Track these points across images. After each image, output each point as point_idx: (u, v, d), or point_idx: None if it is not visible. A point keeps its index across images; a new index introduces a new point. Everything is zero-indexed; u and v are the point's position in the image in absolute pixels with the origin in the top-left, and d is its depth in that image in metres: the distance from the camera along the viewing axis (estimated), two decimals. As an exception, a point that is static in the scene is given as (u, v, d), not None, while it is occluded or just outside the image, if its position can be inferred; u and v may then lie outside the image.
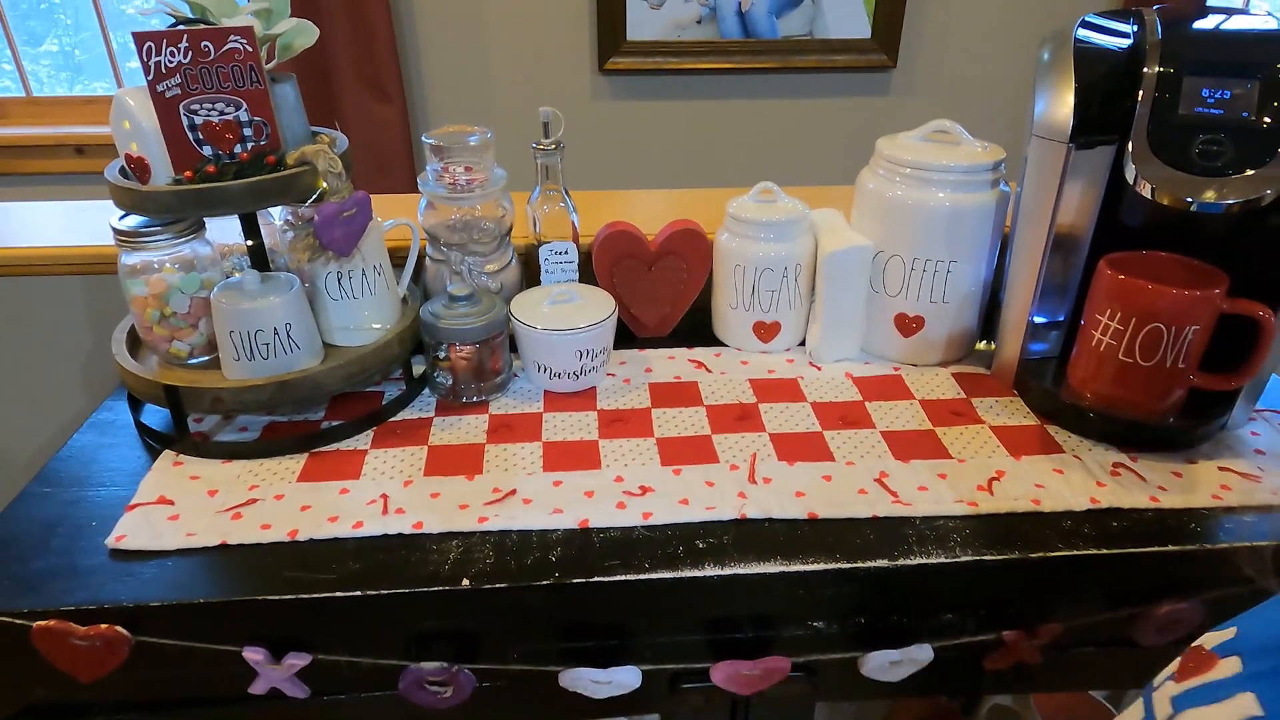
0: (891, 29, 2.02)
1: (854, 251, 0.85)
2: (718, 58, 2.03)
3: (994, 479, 0.72)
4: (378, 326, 0.80)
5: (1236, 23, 0.71)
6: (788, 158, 2.14)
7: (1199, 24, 0.71)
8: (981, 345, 0.93)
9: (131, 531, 0.65)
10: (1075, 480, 0.72)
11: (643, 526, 0.67)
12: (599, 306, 0.84)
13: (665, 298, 0.94)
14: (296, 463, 0.74)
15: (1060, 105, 0.73)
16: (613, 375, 0.88)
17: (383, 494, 0.70)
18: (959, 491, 0.70)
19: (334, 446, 0.76)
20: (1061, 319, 0.84)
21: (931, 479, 0.72)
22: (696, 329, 0.97)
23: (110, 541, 0.64)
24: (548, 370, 0.84)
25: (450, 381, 0.82)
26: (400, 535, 0.66)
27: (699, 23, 2.00)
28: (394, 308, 0.82)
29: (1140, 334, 0.71)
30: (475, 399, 0.83)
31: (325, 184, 0.73)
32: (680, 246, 0.91)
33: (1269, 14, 0.70)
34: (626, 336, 0.95)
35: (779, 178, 0.95)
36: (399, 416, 0.81)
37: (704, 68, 2.03)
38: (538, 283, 0.92)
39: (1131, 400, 0.75)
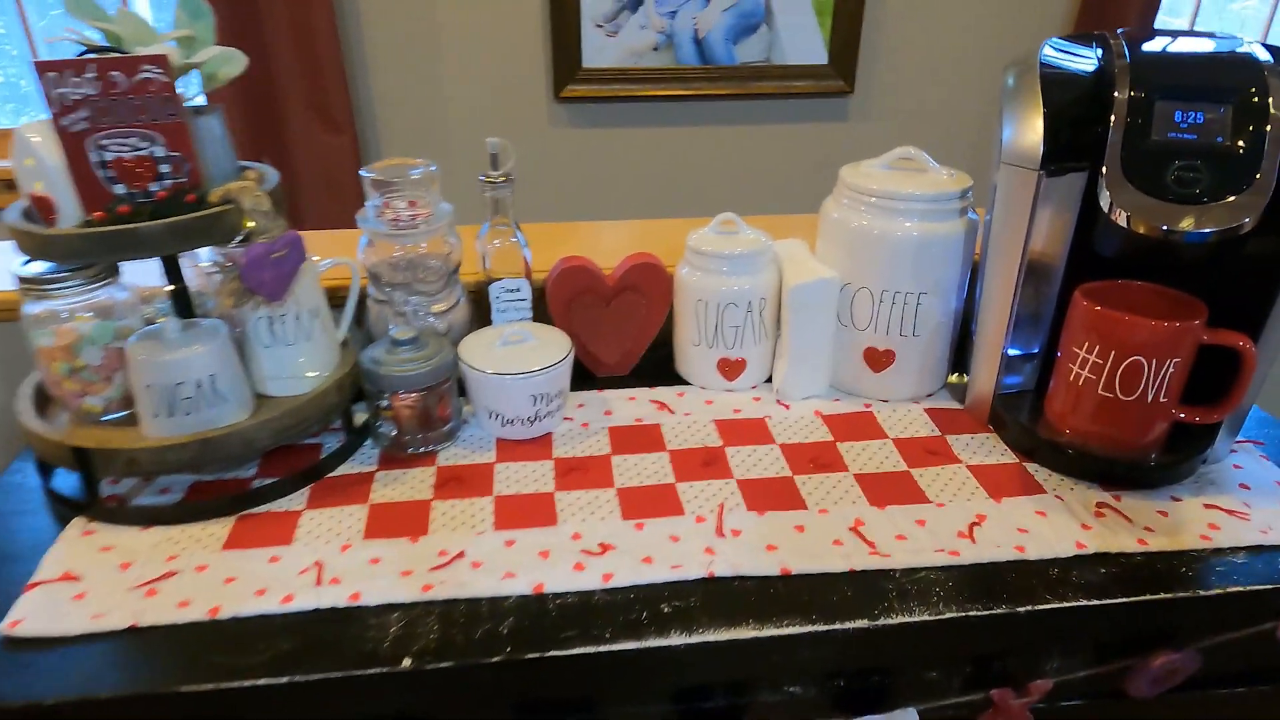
0: (848, 55, 2.02)
1: (820, 284, 0.81)
2: (675, 84, 2.01)
3: (975, 524, 0.68)
4: (314, 374, 0.74)
5: (1202, 45, 0.69)
6: (748, 184, 2.12)
7: (1166, 47, 0.69)
8: (954, 378, 0.90)
9: (30, 614, 0.58)
10: (1059, 523, 0.68)
11: (602, 590, 0.61)
12: (554, 347, 0.79)
13: (625, 335, 0.89)
14: (223, 527, 0.68)
15: (1029, 131, 0.70)
16: (570, 419, 0.83)
17: (317, 561, 0.64)
18: (939, 539, 0.66)
19: (265, 508, 0.70)
20: (1036, 351, 0.80)
21: (909, 526, 0.68)
22: (658, 366, 0.92)
23: (3, 628, 0.57)
24: (500, 417, 0.78)
25: (394, 432, 0.77)
26: (335, 609, 0.60)
27: (655, 50, 1.98)
28: (332, 353, 0.77)
29: (1120, 367, 0.68)
30: (422, 449, 0.77)
31: (252, 223, 0.67)
32: (639, 281, 0.87)
33: (1219, 35, 0.68)
34: (585, 376, 0.90)
35: (739, 204, 0.91)
36: (338, 471, 0.75)
37: (662, 94, 2.01)
38: (489, 323, 0.87)
39: (1112, 436, 0.72)
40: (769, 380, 0.89)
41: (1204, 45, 0.68)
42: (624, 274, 0.86)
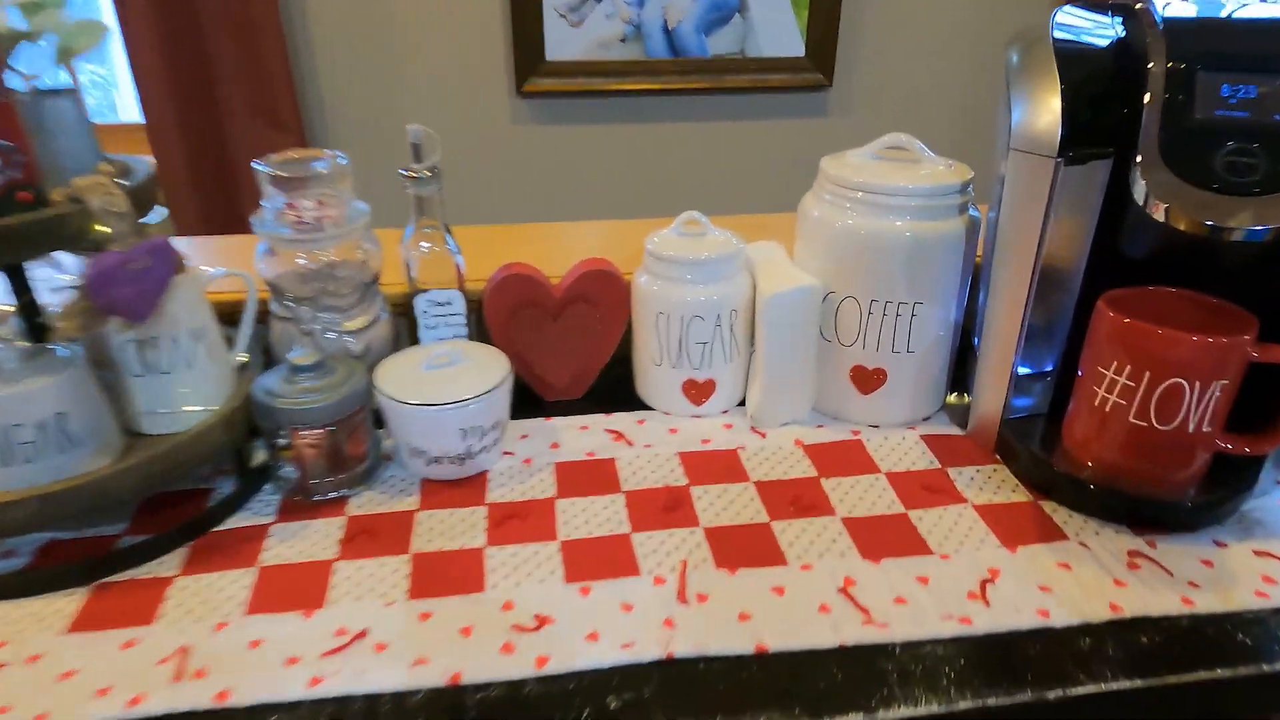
0: (826, 46, 1.91)
1: (799, 293, 0.70)
2: (644, 78, 1.90)
3: (987, 581, 0.57)
4: (196, 409, 0.62)
5: (1249, 6, 0.58)
6: (721, 184, 2.01)
7: (1204, 10, 0.58)
8: (952, 398, 0.79)
9: None
10: (1087, 578, 0.57)
11: (536, 679, 0.50)
12: (489, 370, 0.67)
13: (575, 354, 0.77)
14: (73, 601, 0.55)
15: (1043, 113, 0.59)
16: (510, 454, 0.71)
17: (182, 647, 0.51)
18: (946, 603, 0.55)
19: (130, 573, 0.58)
20: (1049, 369, 0.70)
21: (909, 585, 0.56)
22: (616, 389, 0.80)
23: None
24: (424, 455, 0.66)
25: (297, 475, 0.64)
26: (194, 713, 0.47)
27: (623, 41, 1.87)
28: (221, 382, 0.64)
29: (1157, 391, 0.57)
30: (331, 495, 0.65)
31: (103, 227, 0.55)
32: (591, 291, 0.75)
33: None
34: (531, 402, 0.78)
35: (712, 206, 0.79)
36: (228, 524, 0.63)
37: (630, 89, 1.89)
38: (416, 342, 0.75)
39: (1144, 470, 0.61)
40: (742, 404, 0.78)
41: (1251, 6, 0.57)
42: (573, 283, 0.74)
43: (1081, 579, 0.57)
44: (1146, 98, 0.55)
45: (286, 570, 0.58)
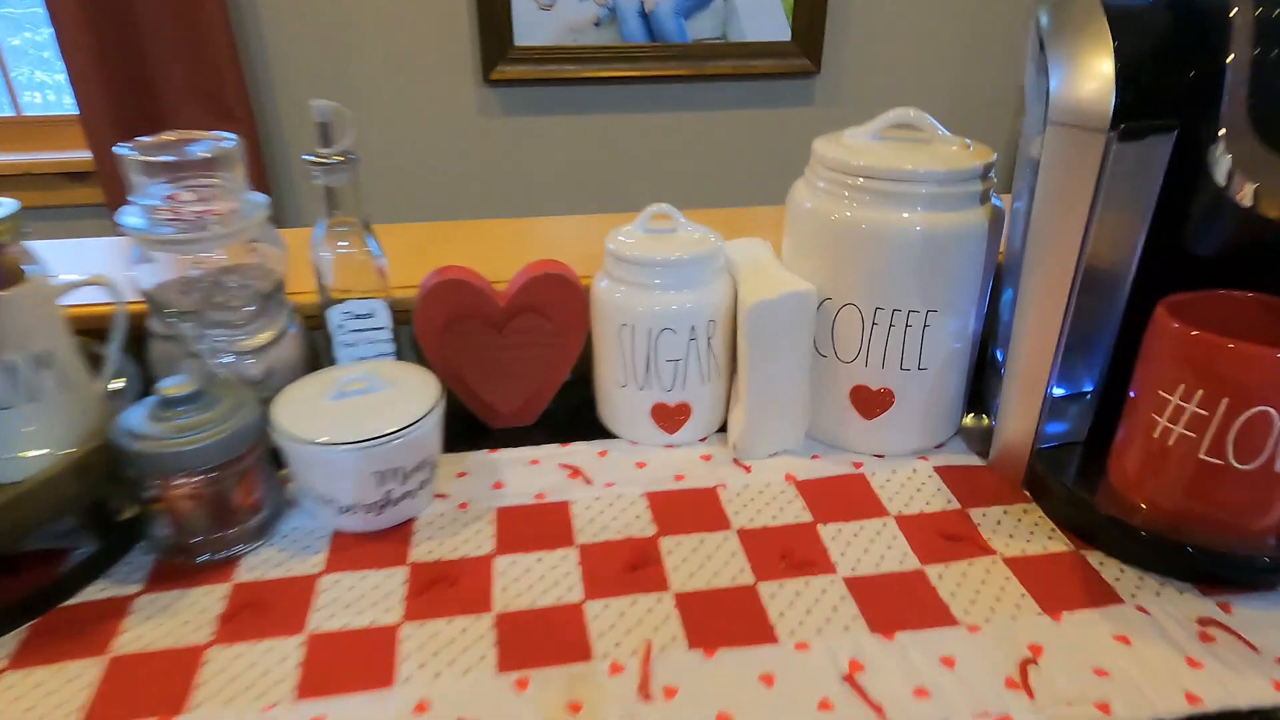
0: (814, 30, 1.80)
1: (788, 300, 0.58)
2: (620, 65, 1.78)
3: (1029, 662, 0.45)
4: (40, 452, 0.50)
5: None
6: (702, 178, 1.89)
7: (1288, -52, 0.47)
8: (969, 420, 0.67)
9: None
10: (1152, 657, 0.46)
11: (448, 819, 0.38)
12: (415, 397, 0.55)
13: (525, 374, 0.65)
14: None
15: (1090, 78, 0.48)
16: (444, 497, 0.59)
17: (-16, 778, 0.39)
18: (980, 693, 0.43)
19: (-58, 669, 0.45)
20: (1088, 389, 0.58)
21: (932, 669, 0.45)
22: (574, 414, 0.69)
23: None
24: (332, 503, 0.54)
25: (171, 532, 0.52)
26: None
27: (597, 25, 1.75)
28: (77, 418, 0.52)
29: (1236, 422, 0.46)
30: (217, 555, 0.53)
31: (-111, 227, 0.42)
32: (542, 299, 0.63)
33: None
34: (474, 431, 0.67)
35: (693, 201, 0.68)
36: (82, 596, 0.50)
37: (605, 76, 1.77)
38: (332, 362, 0.62)
39: (1216, 518, 0.50)
40: (723, 430, 0.66)
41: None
42: (521, 290, 0.62)
43: (1145, 658, 0.46)
44: (1230, 55, 0.43)
45: (144, 661, 0.46)
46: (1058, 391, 0.57)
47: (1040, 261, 0.53)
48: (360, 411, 0.54)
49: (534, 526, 0.56)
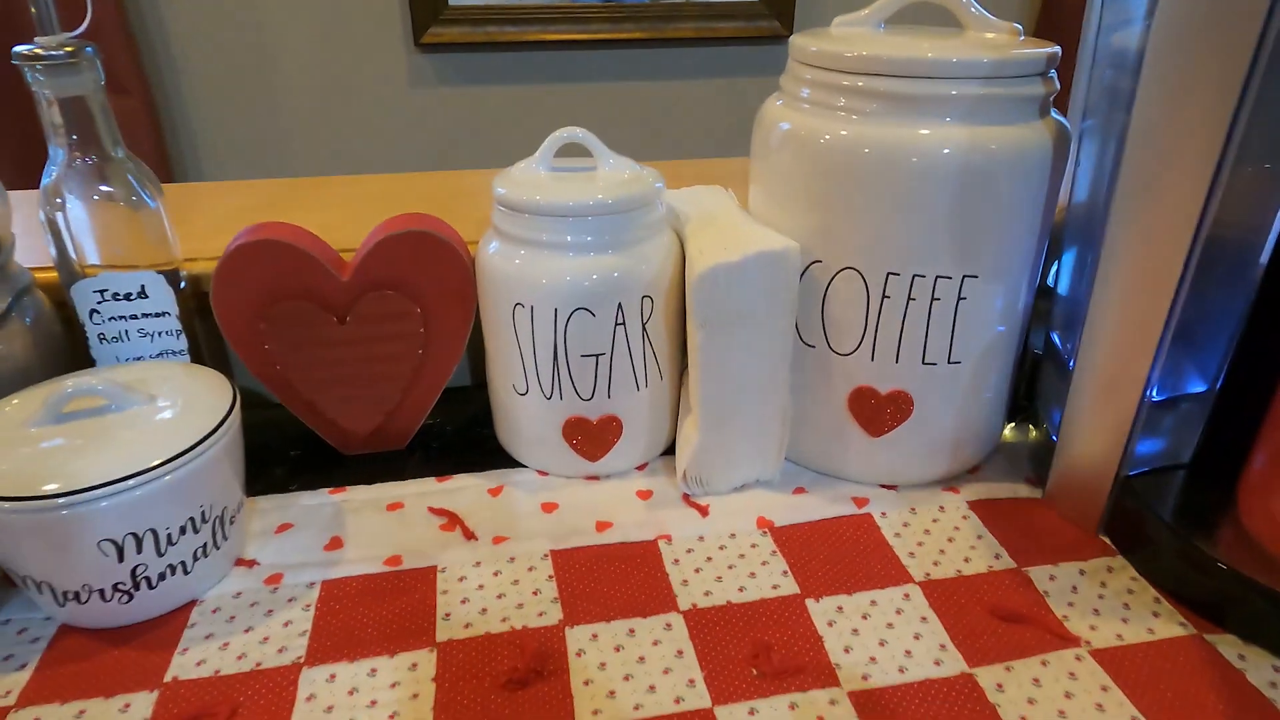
0: (784, -12, 1.62)
1: (759, 264, 0.39)
2: (569, 26, 1.58)
3: None
4: None
5: None
6: (664, 152, 1.70)
7: None
8: (1011, 432, 0.49)
9: None
10: (1374, 840, 0.27)
11: None
12: (184, 419, 0.36)
13: (382, 379, 0.46)
14: None
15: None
16: (249, 565, 0.39)
17: None
18: None
19: None
20: (1203, 389, 0.40)
21: None
22: (465, 432, 0.49)
23: None
24: (49, 589, 0.34)
25: None
26: None
27: (542, -18, 1.55)
28: None
29: None
30: None
31: None
32: (403, 270, 0.43)
33: None
34: (323, 457, 0.47)
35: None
36: None
37: (552, 39, 1.58)
38: (90, 361, 0.42)
39: None
40: (669, 453, 0.47)
41: None
42: (371, 256, 0.43)
43: (1363, 842, 0.27)
44: None
45: None
46: (1157, 397, 0.39)
47: (1143, 200, 0.34)
48: (85, 445, 0.34)
49: (375, 613, 0.37)
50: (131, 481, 0.33)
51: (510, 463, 0.47)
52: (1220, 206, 0.33)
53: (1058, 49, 0.38)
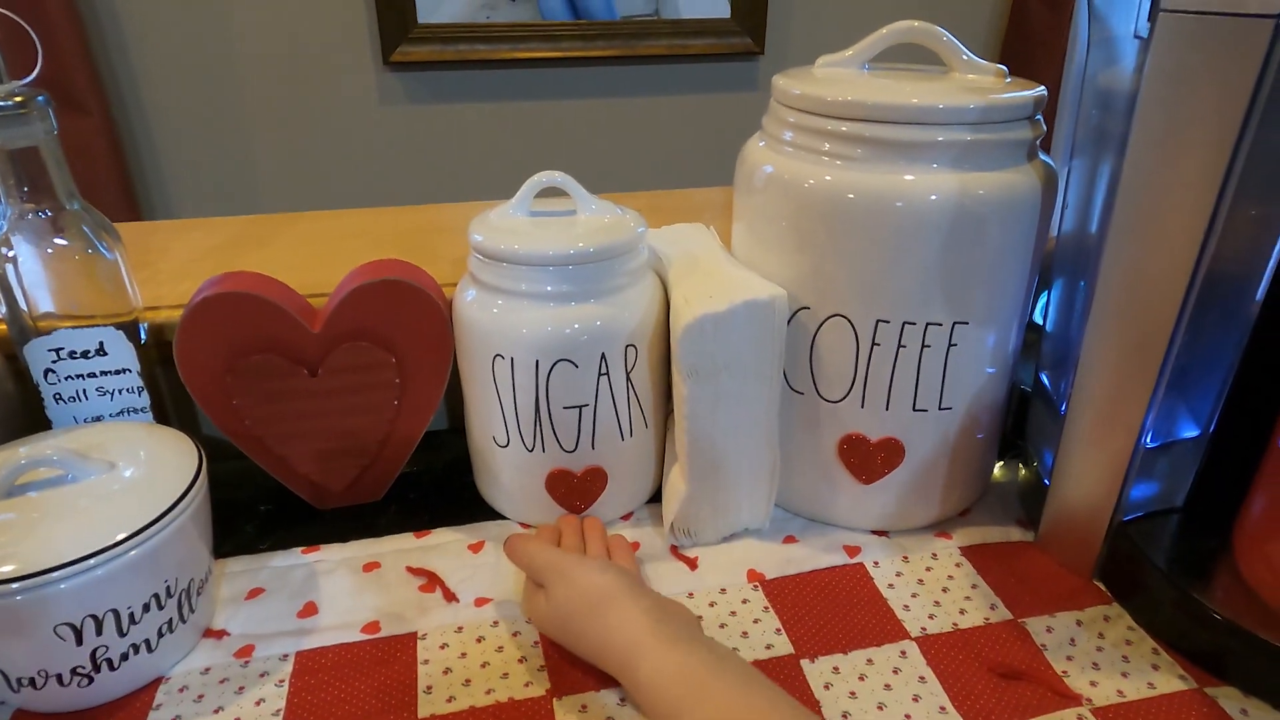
0: (756, 6, 1.62)
1: (746, 313, 0.38)
2: (540, 44, 1.57)
3: None
4: None
5: None
6: (636, 172, 1.69)
7: None
8: (1001, 471, 0.48)
9: None
10: None
11: None
12: (147, 487, 0.34)
13: (356, 434, 0.44)
14: None
15: (1225, -67, 0.29)
16: (218, 636, 0.37)
17: None
18: None
19: None
20: (1196, 433, 0.39)
21: None
22: (444, 481, 0.48)
23: None
24: (1, 674, 0.32)
25: None
26: None
27: (512, 0, 1.54)
28: None
29: None
30: None
31: None
32: (377, 319, 0.42)
33: None
34: (296, 511, 0.45)
35: (625, 200, 0.48)
36: None
37: (523, 57, 1.57)
38: (44, 425, 0.40)
39: None
40: (655, 502, 0.46)
41: None
42: (344, 306, 0.41)
43: None
44: None
45: None
46: (1151, 443, 0.38)
47: (1136, 242, 0.34)
48: (39, 520, 0.32)
49: (353, 687, 0.35)
50: (92, 561, 0.31)
51: (491, 513, 0.45)
52: (1214, 250, 0.33)
53: (1044, 91, 0.38)
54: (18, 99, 0.36)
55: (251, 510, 0.46)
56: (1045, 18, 1.55)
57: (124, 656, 0.34)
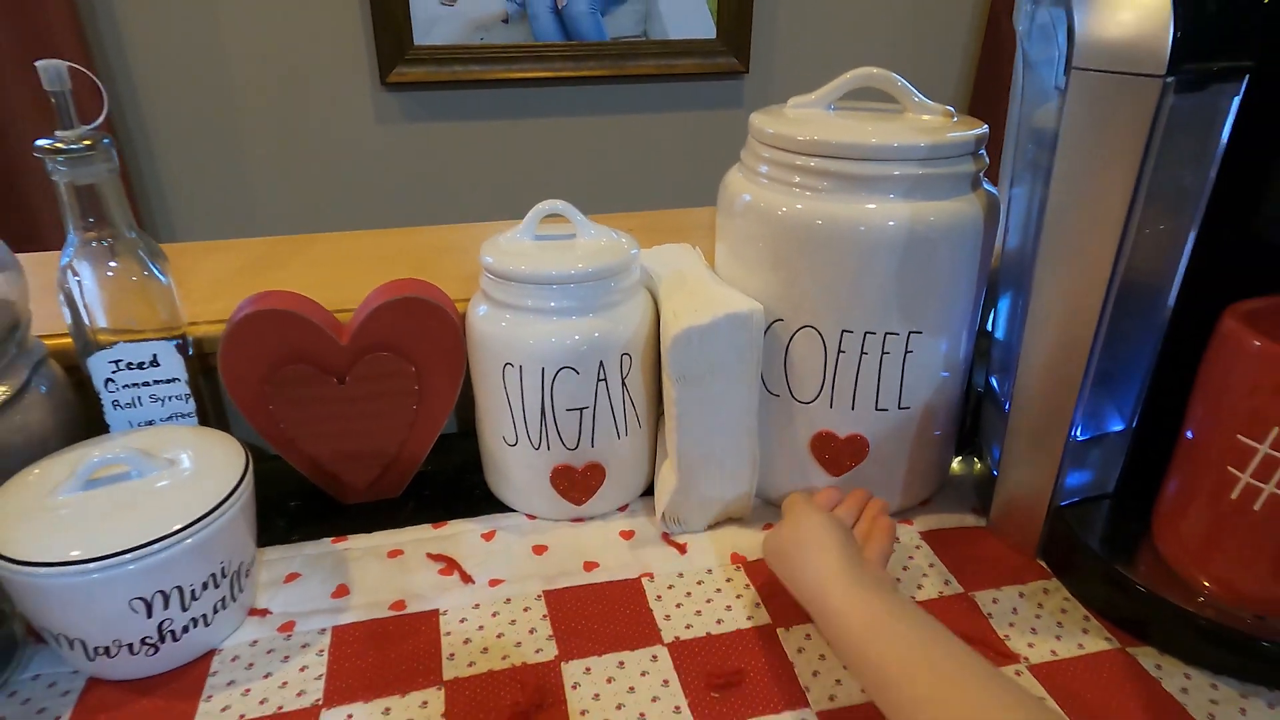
0: (740, 26, 1.68)
1: (727, 325, 0.43)
2: (532, 65, 1.62)
3: (1096, 846, 0.31)
4: None
5: None
6: (624, 188, 1.75)
7: None
8: (958, 465, 0.54)
9: None
10: (1265, 823, 0.32)
11: None
12: (201, 482, 0.39)
13: (379, 435, 0.49)
14: None
15: (1132, 4, 0.34)
16: (262, 614, 0.42)
17: None
18: None
19: None
20: (1121, 427, 0.45)
21: None
22: (457, 479, 0.53)
23: None
24: (78, 644, 0.37)
25: None
26: None
27: (506, 22, 1.59)
28: None
29: (1359, 480, 0.33)
30: (-110, 737, 0.35)
31: None
32: (398, 333, 0.47)
33: None
34: (322, 507, 0.50)
35: (614, 214, 0.53)
36: None
37: (515, 78, 1.62)
38: (103, 428, 0.45)
39: (1318, 604, 0.36)
40: (649, 493, 0.51)
41: None
42: (369, 321, 0.46)
43: (1256, 825, 0.32)
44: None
45: None
46: (1082, 436, 0.44)
47: (1062, 261, 0.39)
48: (112, 510, 0.37)
49: (385, 655, 0.40)
50: (156, 545, 0.36)
51: (499, 507, 0.50)
52: (1129, 264, 0.38)
53: (985, 130, 0.43)
54: (86, 142, 0.41)
55: (282, 506, 0.51)
56: (1014, 55, 1.61)
57: (185, 629, 0.38)
